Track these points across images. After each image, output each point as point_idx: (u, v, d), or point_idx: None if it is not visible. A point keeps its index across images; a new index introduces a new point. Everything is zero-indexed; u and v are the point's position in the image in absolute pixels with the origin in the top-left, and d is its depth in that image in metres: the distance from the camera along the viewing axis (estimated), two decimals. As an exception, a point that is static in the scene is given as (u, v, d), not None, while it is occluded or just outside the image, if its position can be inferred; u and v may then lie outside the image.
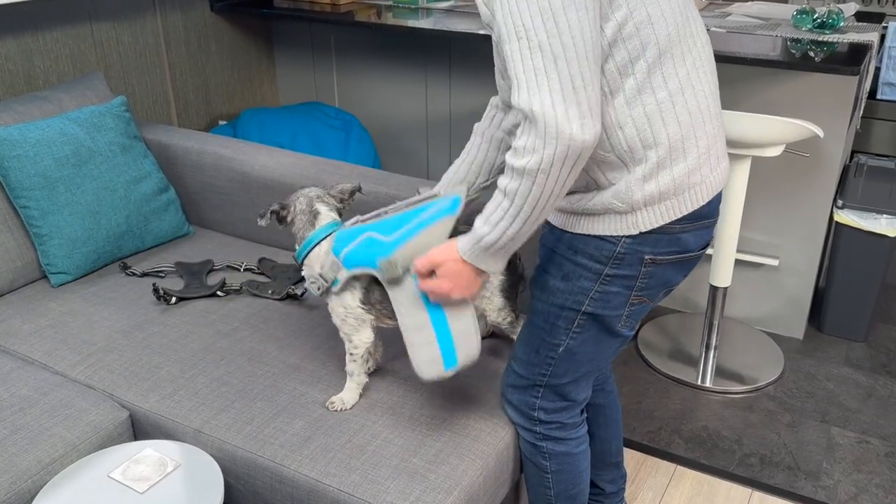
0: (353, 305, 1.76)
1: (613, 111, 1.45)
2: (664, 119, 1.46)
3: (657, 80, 1.44)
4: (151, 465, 1.66)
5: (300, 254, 1.79)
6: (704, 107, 1.50)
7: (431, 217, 1.67)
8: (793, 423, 2.68)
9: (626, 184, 1.49)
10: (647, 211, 1.51)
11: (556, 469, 1.83)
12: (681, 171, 1.49)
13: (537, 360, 1.71)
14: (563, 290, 1.62)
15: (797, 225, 3.00)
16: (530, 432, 1.81)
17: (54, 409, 1.86)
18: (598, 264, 1.57)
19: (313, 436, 1.76)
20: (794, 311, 3.13)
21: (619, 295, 1.59)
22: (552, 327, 1.66)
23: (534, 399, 1.76)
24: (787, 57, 2.59)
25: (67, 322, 2.18)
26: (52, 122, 2.38)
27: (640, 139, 1.46)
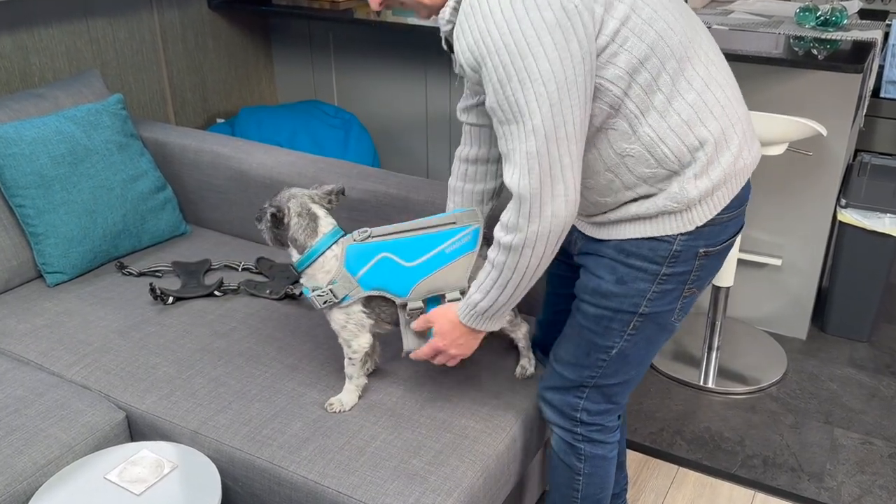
0: (356, 310, 1.75)
1: (650, 129, 1.46)
2: (702, 119, 1.46)
3: (682, 85, 1.45)
4: (148, 467, 1.65)
5: (302, 263, 1.75)
6: (731, 93, 1.51)
7: (455, 252, 1.71)
8: (796, 424, 2.68)
9: (679, 185, 1.50)
10: (702, 205, 1.52)
11: (589, 472, 1.83)
12: (728, 161, 1.50)
13: (587, 362, 1.70)
14: (619, 294, 1.60)
15: (800, 224, 3.00)
16: (570, 433, 1.80)
17: (50, 410, 1.85)
18: (655, 265, 1.56)
19: (312, 437, 1.76)
20: (798, 312, 3.13)
21: (675, 291, 1.60)
22: (606, 330, 1.65)
23: (578, 400, 1.75)
24: (790, 55, 2.59)
25: (63, 322, 2.18)
26: (48, 119, 2.38)
27: (686, 145, 1.47)
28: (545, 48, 1.33)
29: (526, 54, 1.33)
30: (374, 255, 1.72)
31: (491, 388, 1.93)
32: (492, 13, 1.34)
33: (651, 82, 1.43)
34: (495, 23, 1.34)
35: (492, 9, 1.34)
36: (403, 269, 1.71)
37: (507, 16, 1.33)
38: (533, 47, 1.32)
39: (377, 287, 1.71)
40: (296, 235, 1.74)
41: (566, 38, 1.33)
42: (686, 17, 1.49)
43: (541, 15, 1.32)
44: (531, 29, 1.32)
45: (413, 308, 1.71)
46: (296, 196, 1.78)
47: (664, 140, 1.46)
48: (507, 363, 2.01)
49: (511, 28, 1.33)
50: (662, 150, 1.47)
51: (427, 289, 1.71)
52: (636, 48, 1.40)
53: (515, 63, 1.34)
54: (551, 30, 1.32)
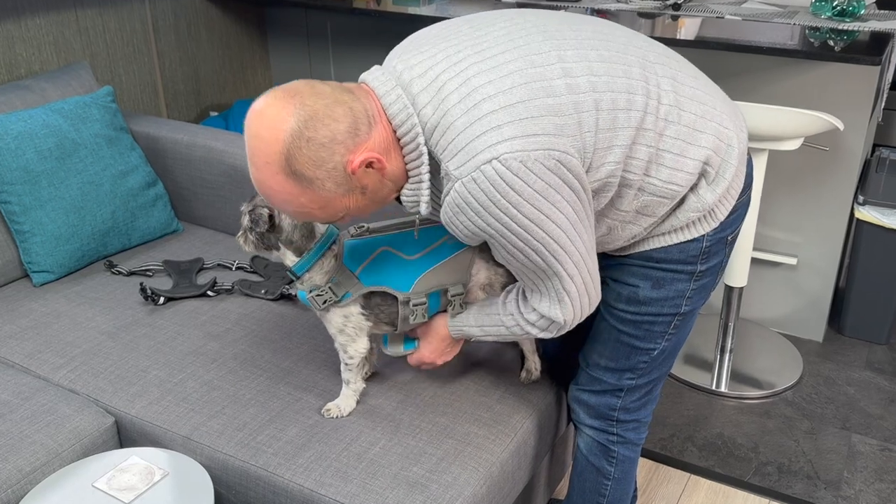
0: (355, 313, 1.74)
1: (653, 179, 1.48)
2: (691, 141, 1.48)
3: (660, 126, 1.46)
4: (138, 474, 1.65)
5: (302, 267, 1.70)
6: (702, 96, 1.51)
7: (457, 244, 1.73)
8: (812, 429, 2.67)
9: (696, 197, 1.53)
10: (722, 202, 1.55)
11: (619, 476, 1.86)
12: (735, 156, 1.52)
13: (628, 365, 1.73)
14: (659, 299, 1.63)
15: (816, 222, 2.99)
16: (605, 434, 1.83)
17: (36, 414, 1.85)
18: (689, 265, 1.60)
19: (308, 443, 1.75)
20: (813, 313, 3.12)
21: (710, 282, 1.66)
22: (647, 334, 1.68)
23: (616, 400, 1.79)
24: (806, 46, 2.58)
25: (50, 323, 2.17)
26: (35, 112, 2.37)
27: (689, 172, 1.49)
28: (544, 212, 1.37)
29: (530, 228, 1.38)
30: (373, 249, 1.72)
31: (495, 391, 1.92)
32: (485, 208, 1.36)
33: (641, 149, 1.45)
34: (491, 214, 1.36)
35: (483, 205, 1.36)
36: (405, 263, 1.71)
37: (501, 206, 1.35)
38: (534, 219, 1.37)
39: (378, 282, 1.70)
40: (292, 238, 1.68)
41: (560, 192, 1.37)
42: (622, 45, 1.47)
43: (532, 189, 1.34)
44: (527, 206, 1.35)
45: (416, 303, 1.71)
46: None
47: (671, 181, 1.48)
48: (511, 365, 2.01)
49: (509, 214, 1.36)
50: (672, 188, 1.49)
51: (429, 283, 1.71)
52: (619, 138, 1.41)
53: (521, 237, 1.39)
54: (545, 194, 1.36)
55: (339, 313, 1.74)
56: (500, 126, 1.32)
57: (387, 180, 1.43)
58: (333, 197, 1.39)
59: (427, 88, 1.37)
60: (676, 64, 1.53)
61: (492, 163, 1.32)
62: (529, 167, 1.32)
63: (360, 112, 1.36)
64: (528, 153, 1.32)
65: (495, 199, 1.34)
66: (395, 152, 1.41)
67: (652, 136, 1.44)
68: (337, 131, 1.33)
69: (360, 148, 1.36)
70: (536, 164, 1.33)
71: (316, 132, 1.31)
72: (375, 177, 1.40)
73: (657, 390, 1.81)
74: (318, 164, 1.33)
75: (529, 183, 1.33)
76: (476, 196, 1.34)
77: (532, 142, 1.33)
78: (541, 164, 1.33)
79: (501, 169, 1.32)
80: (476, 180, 1.33)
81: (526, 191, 1.33)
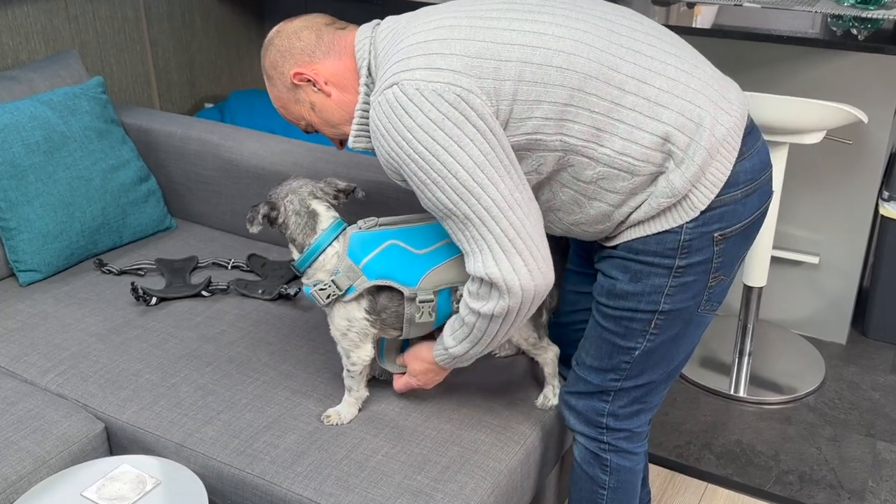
0: (359, 317, 1.73)
1: (605, 149, 1.51)
2: (649, 115, 1.50)
3: (614, 93, 1.49)
4: (129, 483, 1.65)
5: (303, 262, 1.73)
6: (674, 72, 1.53)
7: None
8: (835, 436, 2.67)
9: (665, 180, 1.53)
10: (698, 188, 1.54)
11: (615, 486, 1.84)
12: (706, 136, 1.51)
13: (610, 365, 1.73)
14: (635, 293, 1.63)
15: (839, 219, 2.99)
16: (595, 442, 1.82)
17: (22, 420, 1.85)
18: (667, 259, 1.59)
19: (307, 451, 1.75)
20: (836, 314, 3.12)
21: (697, 282, 1.63)
22: (627, 331, 1.68)
23: (603, 404, 1.77)
24: (828, 35, 2.58)
25: (37, 325, 2.17)
26: (22, 104, 2.37)
27: (647, 147, 1.51)
28: (441, 144, 1.45)
29: (427, 157, 1.46)
30: (380, 242, 1.72)
31: (503, 397, 1.92)
32: (387, 131, 1.49)
33: (583, 113, 1.48)
34: (393, 139, 1.49)
35: (385, 128, 1.49)
36: (413, 257, 1.71)
37: (398, 130, 1.47)
38: (430, 149, 1.46)
39: (383, 276, 1.70)
40: (294, 235, 1.75)
41: (458, 125, 1.45)
42: (596, 18, 1.53)
43: (427, 117, 1.45)
44: (421, 132, 1.46)
45: (423, 300, 1.71)
46: (295, 191, 1.76)
47: (624, 153, 1.51)
48: (520, 371, 2.00)
49: (406, 139, 1.47)
50: (627, 161, 1.51)
51: (437, 280, 1.71)
52: (549, 94, 1.48)
53: (423, 168, 1.48)
54: (441, 125, 1.45)
55: (342, 315, 1.73)
56: (410, 58, 1.49)
57: (336, 106, 1.68)
58: (288, 100, 1.72)
59: (388, 37, 1.60)
60: (656, 39, 1.55)
61: (392, 88, 1.47)
62: (426, 96, 1.44)
63: (325, 42, 1.66)
64: (427, 83, 1.45)
65: (394, 123, 1.47)
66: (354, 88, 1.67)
67: (597, 103, 1.48)
68: (294, 47, 1.67)
69: (306, 66, 1.66)
70: (433, 95, 1.44)
71: (280, 42, 1.69)
72: (320, 98, 1.68)
73: (652, 398, 1.78)
74: (274, 66, 1.70)
75: (424, 111, 1.45)
76: (380, 120, 1.50)
77: (434, 74, 1.45)
78: (438, 94, 1.44)
79: (398, 93, 1.46)
80: (380, 104, 1.49)
81: (419, 117, 1.45)
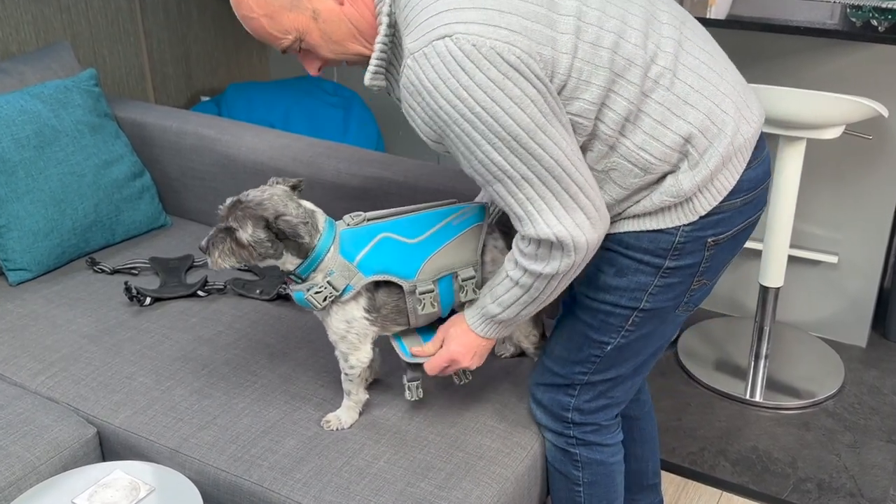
0: (358, 317, 1.72)
1: (627, 141, 1.50)
2: (677, 112, 1.49)
3: (648, 86, 1.48)
4: (122, 490, 1.64)
5: (309, 267, 1.68)
6: (706, 70, 1.53)
7: (462, 223, 1.73)
8: (855, 443, 2.66)
9: (673, 180, 1.53)
10: (703, 193, 1.55)
11: (590, 481, 1.83)
12: (725, 144, 1.52)
13: (579, 357, 1.73)
14: (618, 288, 1.63)
15: (859, 217, 2.99)
16: (562, 437, 1.81)
17: (11, 425, 1.85)
18: (657, 258, 1.59)
19: (307, 457, 1.75)
20: (856, 315, 3.11)
21: (681, 284, 1.63)
22: (602, 325, 1.68)
23: (569, 398, 1.77)
24: (847, 26, 2.58)
25: (27, 326, 2.17)
26: (12, 97, 2.37)
27: (668, 146, 1.50)
28: (500, 104, 1.39)
29: (484, 117, 1.40)
30: (372, 236, 1.70)
31: (509, 401, 1.92)
32: (436, 87, 1.40)
33: (620, 101, 1.47)
34: (442, 96, 1.40)
35: (434, 84, 1.40)
36: (407, 248, 1.70)
37: (451, 86, 1.39)
38: (488, 108, 1.39)
39: (380, 271, 1.69)
40: (301, 243, 1.66)
41: (518, 85, 1.39)
42: (640, 4, 1.51)
43: (485, 76, 1.38)
44: (479, 91, 1.38)
45: (423, 291, 1.70)
46: (276, 195, 1.67)
47: (643, 148, 1.50)
48: (525, 374, 2.00)
49: (460, 97, 1.39)
50: (645, 157, 1.51)
51: (436, 267, 1.70)
52: (597, 77, 1.45)
53: (478, 128, 1.41)
54: (500, 85, 1.39)
55: (340, 318, 1.72)
56: (464, 9, 1.39)
57: (345, 19, 1.53)
58: (279, 6, 1.50)
59: None
60: (691, 33, 1.54)
61: (444, 39, 1.38)
62: (483, 53, 1.37)
63: None
64: (485, 39, 1.37)
65: (445, 80, 1.39)
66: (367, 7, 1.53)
67: (634, 92, 1.47)
68: None
69: None
70: (492, 53, 1.37)
71: None
72: (328, 5, 1.51)
73: (619, 393, 1.78)
74: None
75: (482, 69, 1.37)
76: (426, 73, 1.40)
77: (492, 30, 1.38)
78: (497, 53, 1.37)
79: (452, 47, 1.37)
80: (427, 55, 1.39)
81: (478, 76, 1.37)
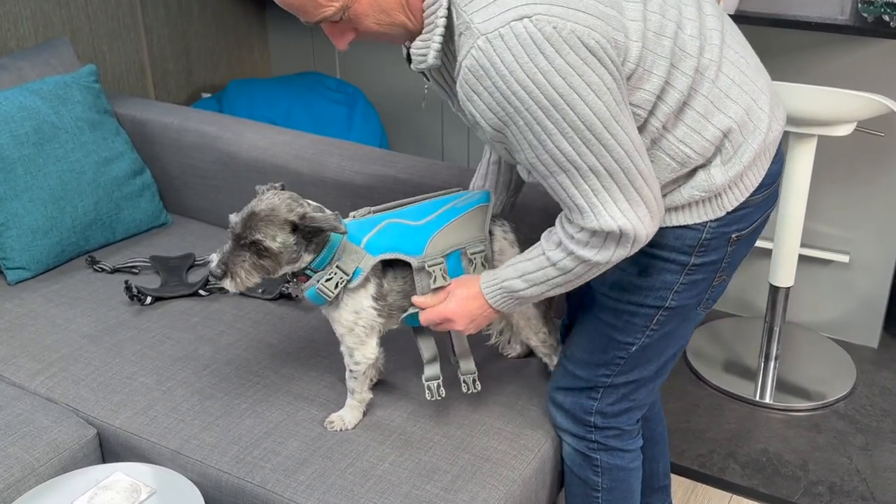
0: (366, 305, 1.73)
1: (670, 135, 1.50)
2: (719, 106, 1.50)
3: (696, 77, 1.48)
4: (122, 492, 1.64)
5: (324, 261, 1.68)
6: (745, 66, 1.54)
7: (466, 205, 1.76)
8: (867, 445, 2.66)
9: (705, 174, 1.54)
10: (732, 189, 1.56)
11: (609, 486, 1.84)
12: (759, 140, 1.53)
13: (603, 360, 1.73)
14: (643, 287, 1.63)
15: (871, 215, 2.98)
16: (583, 441, 1.81)
17: (10, 426, 1.85)
18: (683, 255, 1.59)
19: (310, 459, 1.75)
20: (868, 316, 3.11)
21: (704, 281, 1.64)
22: (627, 325, 1.68)
23: (591, 402, 1.77)
24: (858, 21, 2.57)
25: (26, 325, 2.17)
26: (11, 93, 2.37)
27: (708, 139, 1.50)
28: (578, 91, 1.35)
29: (560, 104, 1.35)
30: (377, 223, 1.73)
31: (516, 402, 1.92)
32: (511, 72, 1.34)
33: (673, 93, 1.47)
34: (517, 80, 1.34)
35: (510, 67, 1.34)
36: (413, 229, 1.73)
37: (528, 71, 1.33)
38: (565, 95, 1.34)
39: (387, 249, 1.70)
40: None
41: (597, 72, 1.35)
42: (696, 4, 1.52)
43: (564, 60, 1.33)
44: (558, 77, 1.33)
45: (432, 264, 1.71)
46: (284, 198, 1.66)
47: (684, 141, 1.50)
48: (533, 375, 2.00)
49: (537, 82, 1.34)
50: (684, 151, 1.50)
51: (444, 243, 1.72)
52: (659, 67, 1.44)
53: (552, 116, 1.36)
54: (579, 71, 1.34)
55: (350, 307, 1.73)
56: None
57: None
58: None
59: None
60: (730, 27, 1.55)
61: (523, 21, 1.31)
62: (563, 36, 1.32)
63: None
64: (566, 22, 1.32)
65: (522, 62, 1.32)
66: None
67: (686, 84, 1.46)
68: None
69: None
70: (572, 37, 1.32)
71: None
72: None
73: (641, 396, 1.79)
74: None
75: (562, 53, 1.32)
76: (501, 55, 1.33)
77: (571, 14, 1.33)
78: (577, 37, 1.32)
79: (532, 29, 1.31)
80: (503, 36, 1.32)
81: (557, 60, 1.32)
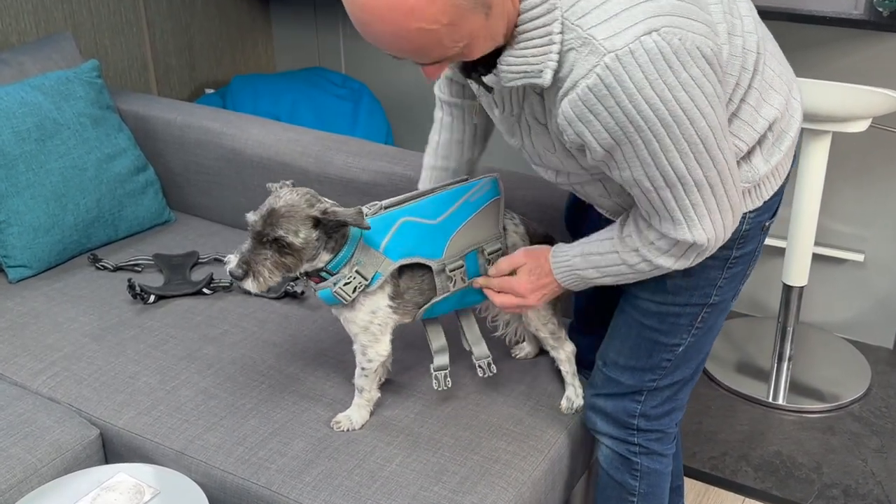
0: (383, 305, 1.73)
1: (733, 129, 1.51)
2: (766, 98, 1.51)
3: (744, 77, 1.50)
4: (126, 493, 1.64)
5: (340, 262, 1.68)
6: (780, 55, 1.58)
7: (479, 199, 1.78)
8: (882, 447, 2.66)
9: (748, 165, 1.54)
10: (771, 178, 1.58)
11: (645, 492, 1.85)
12: (796, 129, 1.57)
13: (649, 364, 1.73)
14: (687, 287, 1.64)
15: (886, 213, 2.98)
16: (624, 444, 1.82)
17: (12, 426, 1.85)
18: (725, 249, 1.60)
19: (316, 460, 1.75)
20: (883, 316, 3.11)
21: (741, 273, 1.67)
22: (672, 327, 1.68)
23: (635, 405, 1.78)
24: (874, 16, 2.57)
25: (28, 324, 2.18)
26: (12, 89, 2.37)
27: (756, 130, 1.52)
28: (699, 107, 1.33)
29: (682, 121, 1.33)
30: (392, 222, 1.73)
31: (525, 402, 1.91)
32: (640, 90, 1.30)
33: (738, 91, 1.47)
34: (645, 98, 1.31)
35: (638, 85, 1.30)
36: (430, 228, 1.74)
37: (657, 88, 1.30)
38: (688, 111, 1.33)
39: (407, 254, 1.72)
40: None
41: (711, 83, 1.34)
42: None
43: (689, 74, 1.31)
44: (683, 92, 1.31)
45: (453, 268, 1.74)
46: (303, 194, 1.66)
47: (738, 135, 1.51)
48: (542, 375, 2.00)
49: (664, 99, 1.31)
50: (737, 144, 1.52)
51: (462, 244, 1.75)
52: (733, 66, 1.45)
53: (672, 133, 1.34)
54: (699, 83, 1.32)
55: (366, 308, 1.73)
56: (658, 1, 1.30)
57: (505, 13, 1.34)
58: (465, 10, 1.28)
59: None
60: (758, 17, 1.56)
61: (652, 35, 1.28)
62: (687, 48, 1.29)
63: None
64: (687, 33, 1.29)
65: (653, 80, 1.29)
66: None
67: (747, 80, 1.47)
68: None
69: None
70: (694, 48, 1.30)
71: None
72: None
73: (682, 396, 1.80)
74: None
75: (686, 66, 1.30)
76: (631, 73, 1.29)
77: (689, 24, 1.30)
78: (698, 48, 1.30)
79: (662, 43, 1.28)
80: (634, 52, 1.28)
81: (682, 74, 1.30)
